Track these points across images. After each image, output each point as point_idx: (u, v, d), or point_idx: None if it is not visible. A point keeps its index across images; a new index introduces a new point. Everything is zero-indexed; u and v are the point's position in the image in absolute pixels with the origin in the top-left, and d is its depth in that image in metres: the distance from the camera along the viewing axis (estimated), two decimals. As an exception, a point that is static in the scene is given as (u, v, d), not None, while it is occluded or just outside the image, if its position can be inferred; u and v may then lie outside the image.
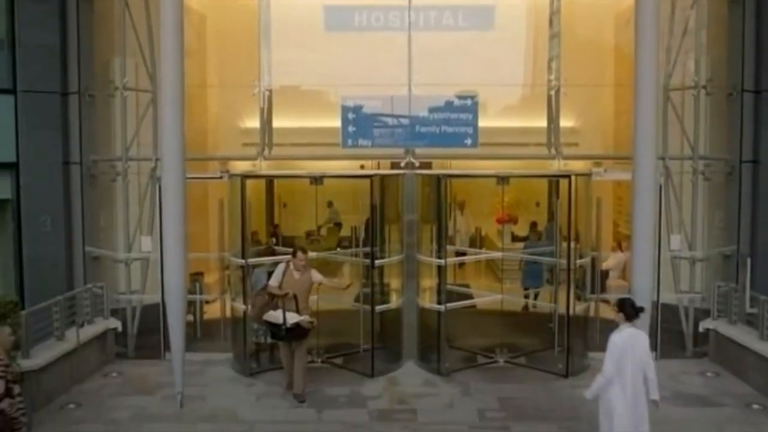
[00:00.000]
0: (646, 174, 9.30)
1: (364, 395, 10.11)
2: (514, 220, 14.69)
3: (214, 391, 10.26)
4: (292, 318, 9.53)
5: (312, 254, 10.51)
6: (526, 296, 13.08)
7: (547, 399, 9.92)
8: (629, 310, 7.45)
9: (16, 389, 6.73)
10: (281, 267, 9.93)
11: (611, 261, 13.93)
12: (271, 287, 9.75)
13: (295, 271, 9.78)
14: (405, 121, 11.81)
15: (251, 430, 8.92)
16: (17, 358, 8.76)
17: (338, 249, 13.02)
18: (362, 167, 12.85)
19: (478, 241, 14.99)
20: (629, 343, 7.33)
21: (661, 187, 11.66)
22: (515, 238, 14.46)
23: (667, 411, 9.54)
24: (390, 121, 11.90)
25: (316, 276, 9.98)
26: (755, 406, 9.72)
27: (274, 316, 9.58)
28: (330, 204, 14.77)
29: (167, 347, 10.62)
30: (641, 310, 7.49)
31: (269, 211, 14.19)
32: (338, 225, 15.12)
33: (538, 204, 15.16)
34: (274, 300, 9.64)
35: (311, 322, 9.74)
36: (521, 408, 9.56)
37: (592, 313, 11.88)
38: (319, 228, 14.14)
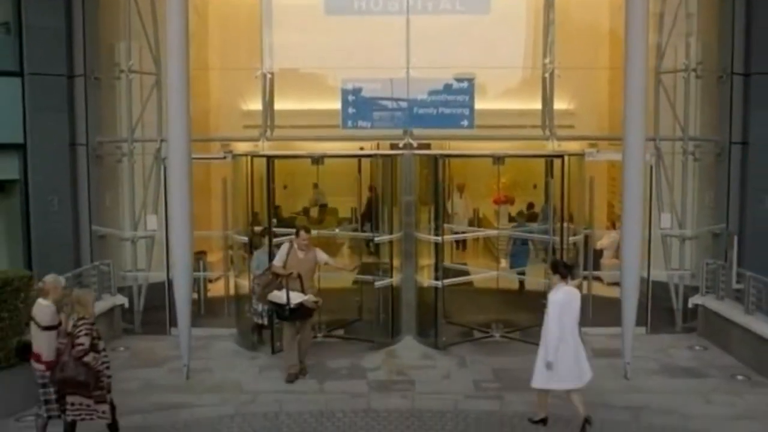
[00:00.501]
0: (636, 154, 9.60)
1: (364, 367, 10.49)
2: (510, 201, 15.00)
3: (219, 364, 10.62)
4: (296, 298, 9.57)
5: (313, 232, 10.73)
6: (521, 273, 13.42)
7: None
8: (562, 270, 8.21)
9: (101, 345, 7.54)
10: (285, 247, 9.97)
11: (605, 240, 14.26)
12: (275, 267, 9.82)
13: (299, 251, 9.82)
14: (403, 103, 12.13)
15: (255, 400, 9.29)
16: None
17: (337, 230, 13.28)
18: (362, 149, 13.14)
19: (476, 222, 15.31)
20: (566, 299, 8.09)
21: (652, 167, 11.98)
22: (512, 219, 14.80)
23: (655, 382, 9.98)
24: (389, 103, 12.24)
25: (322, 256, 10.03)
26: (739, 377, 10.12)
27: (278, 296, 9.61)
28: (315, 186, 15.11)
29: (173, 323, 11.04)
30: (572, 267, 8.43)
31: (270, 192, 14.48)
32: (323, 206, 15.34)
33: (535, 186, 15.45)
34: (278, 279, 9.69)
35: (316, 302, 9.81)
36: (516, 379, 9.90)
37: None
38: (304, 210, 14.36)
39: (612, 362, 10.38)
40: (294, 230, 10.35)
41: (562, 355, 7.96)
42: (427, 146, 12.31)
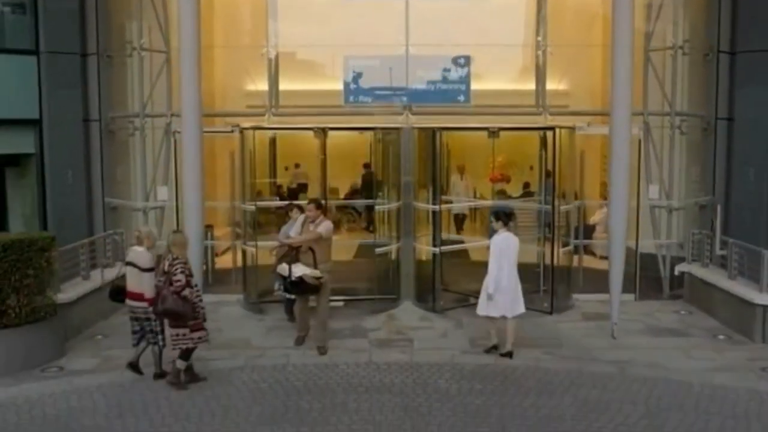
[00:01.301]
0: (622, 128, 10.11)
1: (365, 328, 11.08)
2: (506, 179, 15.52)
3: (228, 325, 11.18)
4: (299, 271, 9.41)
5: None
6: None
7: (533, 331, 10.83)
8: (503, 217, 9.54)
9: (193, 281, 8.51)
10: (301, 219, 10.11)
11: (597, 216, 14.76)
12: (291, 238, 9.86)
13: (312, 224, 9.77)
14: (403, 80, 12.66)
15: (264, 355, 9.86)
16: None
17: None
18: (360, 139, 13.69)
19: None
20: (505, 243, 9.43)
21: (640, 141, 12.54)
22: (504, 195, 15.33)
23: (640, 341, 10.56)
24: (389, 80, 12.77)
25: (320, 228, 9.73)
26: (720, 337, 10.69)
27: (283, 268, 9.56)
28: (297, 165, 15.63)
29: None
30: (512, 215, 9.87)
31: (273, 168, 14.99)
32: (303, 185, 15.70)
33: (531, 168, 15.96)
34: (293, 252, 9.62)
35: (318, 278, 9.47)
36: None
37: (576, 260, 12.80)
38: (279, 187, 14.80)
39: (601, 324, 11.00)
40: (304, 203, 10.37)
41: (500, 288, 9.35)
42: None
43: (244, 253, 12.39)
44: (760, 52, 13.05)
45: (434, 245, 11.88)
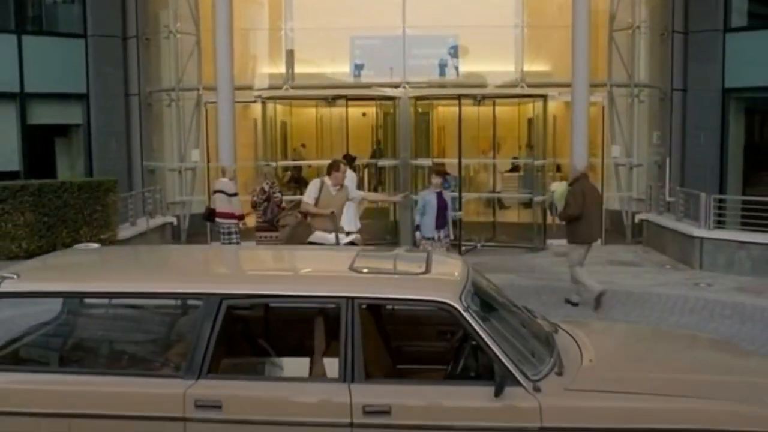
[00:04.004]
0: (581, 95, 12.30)
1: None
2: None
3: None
4: (344, 239, 8.92)
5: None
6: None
7: (512, 262, 12.92)
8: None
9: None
10: (316, 183, 9.06)
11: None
12: (307, 205, 8.83)
13: (333, 188, 8.89)
14: (400, 57, 14.72)
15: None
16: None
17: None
18: (364, 115, 15.77)
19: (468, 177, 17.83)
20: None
21: (604, 107, 14.64)
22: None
23: (599, 269, 12.59)
24: (388, 57, 14.83)
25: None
26: (667, 267, 12.77)
27: (323, 237, 8.61)
28: (303, 146, 17.55)
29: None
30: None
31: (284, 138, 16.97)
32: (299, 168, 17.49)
33: (520, 148, 18.01)
34: (306, 219, 8.85)
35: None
36: (492, 266, 12.50)
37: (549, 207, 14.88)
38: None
39: (569, 259, 13.08)
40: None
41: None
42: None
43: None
44: (709, 32, 15.15)
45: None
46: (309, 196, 8.85)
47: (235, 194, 11.18)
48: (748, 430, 4.02)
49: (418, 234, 10.39)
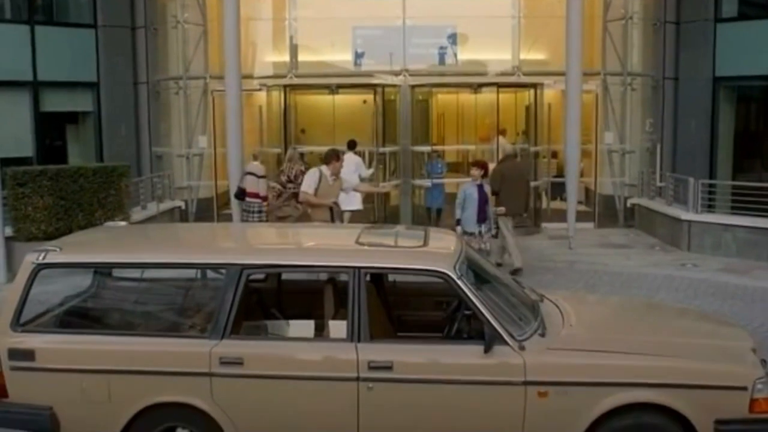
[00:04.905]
0: (574, 83, 12.76)
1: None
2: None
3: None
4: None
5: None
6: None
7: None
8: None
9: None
10: (315, 173, 8.97)
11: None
12: (307, 195, 8.83)
13: (330, 178, 8.89)
14: (400, 47, 15.20)
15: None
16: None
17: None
18: (365, 102, 16.22)
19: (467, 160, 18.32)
20: (471, 189, 10.32)
21: (597, 95, 15.15)
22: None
23: (591, 251, 13.17)
24: (389, 47, 15.31)
25: (348, 183, 9.51)
26: (656, 248, 13.33)
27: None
28: (303, 131, 17.93)
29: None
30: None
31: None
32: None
33: (518, 134, 18.50)
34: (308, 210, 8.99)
35: None
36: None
37: (546, 192, 15.45)
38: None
39: (562, 242, 13.58)
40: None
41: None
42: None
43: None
44: (700, 22, 15.57)
45: (429, 177, 14.52)
46: (308, 186, 8.77)
47: (264, 176, 11.92)
48: (696, 383, 4.59)
49: (458, 229, 9.95)
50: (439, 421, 4.62)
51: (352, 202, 11.63)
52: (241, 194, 12.04)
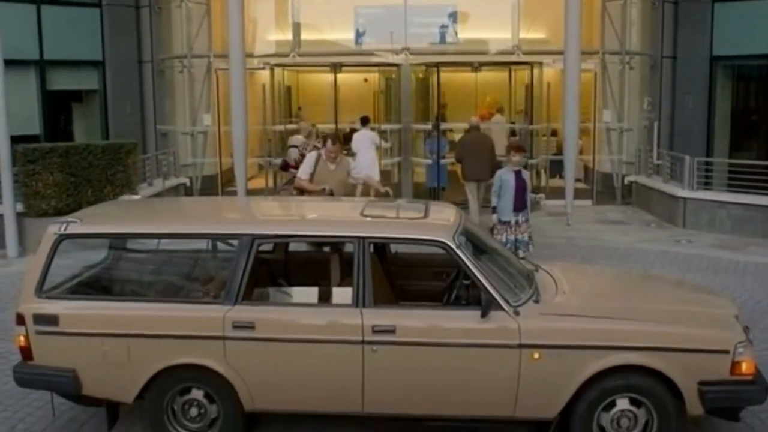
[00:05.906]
0: (573, 62, 12.97)
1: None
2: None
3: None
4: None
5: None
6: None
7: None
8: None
9: None
10: (312, 156, 8.49)
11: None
12: (300, 180, 8.35)
13: (330, 163, 8.30)
14: (402, 26, 15.38)
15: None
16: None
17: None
18: (366, 80, 16.45)
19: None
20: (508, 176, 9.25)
21: (596, 74, 15.35)
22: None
23: (589, 227, 13.45)
24: (391, 26, 15.49)
25: (358, 174, 8.91)
26: (652, 225, 13.60)
27: None
28: (299, 108, 18.18)
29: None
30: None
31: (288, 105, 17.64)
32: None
33: (518, 112, 18.72)
34: (303, 196, 8.24)
35: None
36: (487, 224, 13.37)
37: (545, 170, 15.70)
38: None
39: (561, 219, 13.84)
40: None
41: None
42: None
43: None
44: (698, 2, 15.77)
45: (430, 156, 14.76)
46: (303, 171, 8.36)
47: (294, 147, 12.29)
48: (681, 347, 4.86)
49: (494, 217, 9.22)
50: (439, 382, 4.92)
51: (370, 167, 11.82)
52: (285, 167, 12.34)
